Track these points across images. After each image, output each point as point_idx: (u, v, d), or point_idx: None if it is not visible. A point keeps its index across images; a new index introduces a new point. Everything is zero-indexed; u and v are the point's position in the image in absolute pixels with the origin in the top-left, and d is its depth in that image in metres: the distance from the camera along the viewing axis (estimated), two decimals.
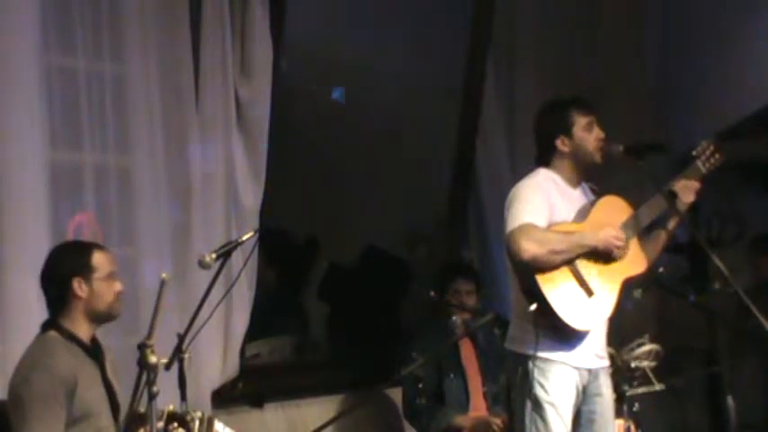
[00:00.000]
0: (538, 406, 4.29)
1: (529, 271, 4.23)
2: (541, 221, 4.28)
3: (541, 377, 4.29)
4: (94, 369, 3.86)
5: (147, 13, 4.77)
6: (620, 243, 4.32)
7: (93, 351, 3.88)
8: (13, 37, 4.33)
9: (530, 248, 4.18)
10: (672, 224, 4.55)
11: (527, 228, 4.22)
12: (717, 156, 4.54)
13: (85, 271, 3.84)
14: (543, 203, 4.32)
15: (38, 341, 3.83)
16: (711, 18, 6.78)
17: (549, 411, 4.28)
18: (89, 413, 3.75)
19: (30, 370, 3.71)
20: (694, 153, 4.54)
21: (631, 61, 7.03)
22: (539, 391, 4.29)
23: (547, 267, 4.22)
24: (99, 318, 3.90)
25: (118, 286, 3.92)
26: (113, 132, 4.70)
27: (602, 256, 4.33)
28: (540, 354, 4.28)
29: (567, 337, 4.30)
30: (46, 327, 3.85)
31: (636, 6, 7.05)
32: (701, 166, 4.54)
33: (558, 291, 4.25)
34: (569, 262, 4.27)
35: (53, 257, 3.89)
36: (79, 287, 3.82)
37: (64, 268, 3.84)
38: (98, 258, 3.88)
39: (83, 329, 3.86)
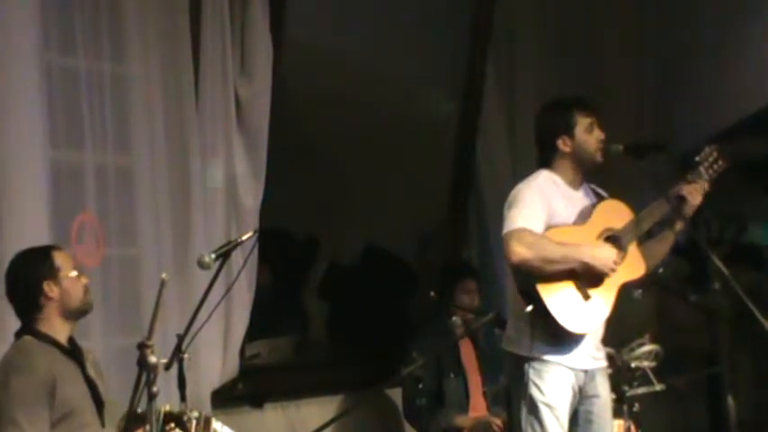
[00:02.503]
0: (534, 407, 4.28)
1: (526, 273, 4.23)
2: (538, 225, 4.27)
3: (537, 378, 4.29)
4: (74, 368, 3.86)
5: (147, 12, 4.78)
6: (615, 267, 4.31)
7: (71, 351, 3.89)
8: (14, 36, 4.33)
9: (520, 252, 4.18)
10: (678, 226, 4.55)
11: (519, 232, 4.22)
12: (720, 163, 4.52)
13: (52, 273, 3.85)
14: (542, 207, 4.31)
15: (13, 347, 3.84)
16: (711, 18, 6.77)
17: (545, 412, 4.28)
18: (72, 411, 3.76)
19: (7, 375, 3.72)
20: (697, 159, 4.52)
21: (631, 61, 7.02)
22: (534, 393, 4.28)
23: (537, 273, 4.21)
24: (73, 314, 3.91)
25: (84, 279, 3.93)
26: (113, 132, 4.71)
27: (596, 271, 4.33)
28: (536, 355, 4.28)
29: (562, 338, 4.29)
30: (20, 334, 3.86)
31: (636, 6, 7.04)
32: (704, 172, 4.52)
33: (556, 293, 4.24)
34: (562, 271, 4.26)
35: (16, 268, 3.88)
36: (50, 289, 3.84)
37: (31, 275, 3.85)
38: (59, 258, 3.90)
39: (59, 330, 3.86)
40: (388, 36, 6.44)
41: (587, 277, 4.29)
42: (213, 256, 4.02)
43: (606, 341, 4.56)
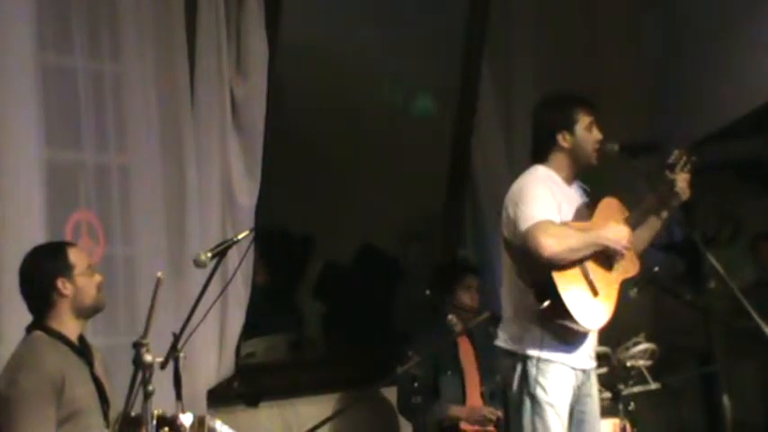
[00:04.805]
0: (538, 406, 4.25)
1: (543, 268, 4.14)
2: (555, 216, 4.21)
3: (541, 377, 4.26)
4: (83, 367, 3.87)
5: (143, 11, 4.78)
6: (628, 244, 4.30)
7: (81, 349, 3.89)
8: (10, 36, 4.34)
9: (551, 245, 4.09)
10: (664, 214, 4.52)
11: (544, 224, 4.13)
12: (689, 166, 4.49)
13: (67, 270, 3.86)
14: (552, 199, 4.27)
15: (24, 342, 3.84)
16: (711, 18, 6.78)
17: (549, 412, 4.25)
18: (79, 410, 3.76)
19: (16, 371, 3.72)
20: (671, 161, 4.49)
21: (631, 61, 7.02)
22: (539, 392, 4.25)
23: (563, 265, 4.15)
24: (87, 312, 3.92)
25: (98, 277, 3.94)
26: (110, 132, 4.71)
27: (607, 256, 4.31)
28: (543, 354, 4.24)
29: (569, 337, 4.26)
30: (31, 328, 3.86)
31: (636, 6, 7.05)
32: (679, 172, 4.50)
33: (571, 289, 4.17)
34: (581, 260, 4.23)
35: (30, 263, 3.89)
36: (63, 287, 3.84)
37: (45, 271, 3.85)
38: (74, 255, 3.91)
39: (70, 328, 3.87)
40: (387, 36, 6.45)
41: (599, 262, 4.27)
42: (209, 254, 4.01)
43: (601, 340, 4.56)
